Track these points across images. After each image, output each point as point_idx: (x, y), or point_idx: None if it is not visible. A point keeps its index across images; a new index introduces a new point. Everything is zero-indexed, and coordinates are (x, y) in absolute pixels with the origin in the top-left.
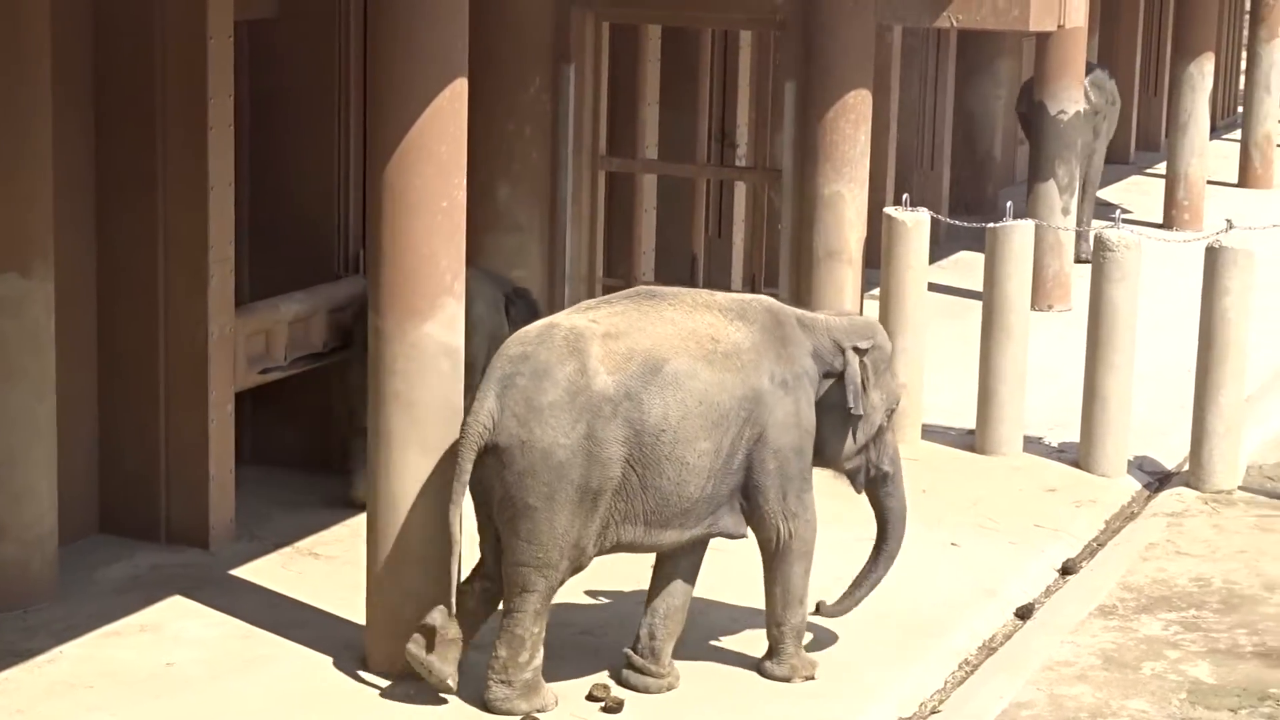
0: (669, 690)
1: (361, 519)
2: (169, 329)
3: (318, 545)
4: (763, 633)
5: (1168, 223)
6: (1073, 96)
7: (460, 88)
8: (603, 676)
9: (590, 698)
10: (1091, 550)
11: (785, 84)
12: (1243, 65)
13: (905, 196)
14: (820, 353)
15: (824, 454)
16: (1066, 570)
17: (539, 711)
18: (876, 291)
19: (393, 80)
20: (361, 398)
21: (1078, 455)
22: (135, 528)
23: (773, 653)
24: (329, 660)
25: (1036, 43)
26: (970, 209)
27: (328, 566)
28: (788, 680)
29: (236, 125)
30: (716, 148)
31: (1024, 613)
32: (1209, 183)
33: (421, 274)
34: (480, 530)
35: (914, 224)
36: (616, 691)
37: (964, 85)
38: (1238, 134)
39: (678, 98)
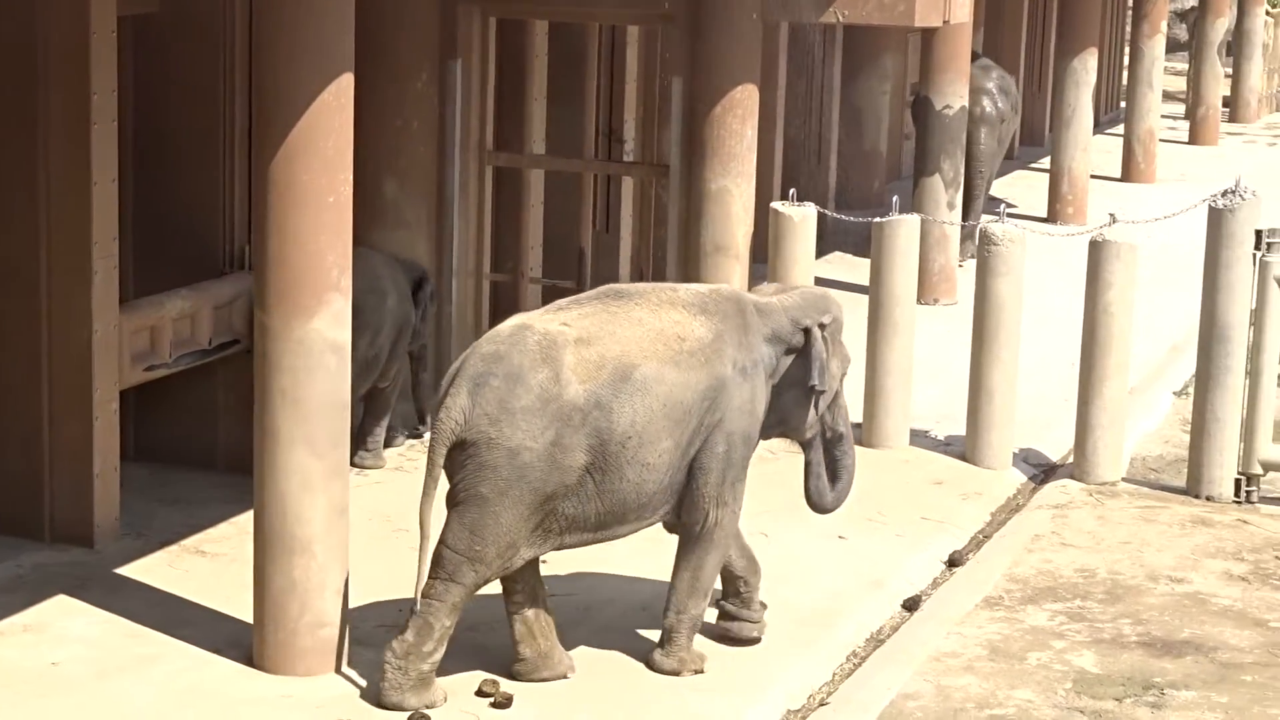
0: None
1: (248, 516)
2: (52, 326)
3: (204, 543)
4: (657, 623)
5: (1052, 217)
6: (958, 91)
7: (346, 83)
8: (491, 672)
9: (479, 693)
10: (978, 542)
11: (672, 80)
12: (1125, 61)
13: (792, 191)
14: (779, 334)
15: (788, 425)
16: (953, 562)
17: (428, 708)
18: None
19: (278, 75)
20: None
21: (964, 448)
22: (19, 527)
23: (665, 642)
24: (216, 658)
25: (922, 38)
26: (857, 204)
27: (214, 564)
28: (676, 673)
29: (120, 121)
30: (604, 143)
31: (911, 604)
32: (1093, 177)
33: (308, 270)
34: (421, 525)
35: (800, 219)
36: (505, 686)
37: (850, 80)
38: (1121, 129)
39: (565, 93)
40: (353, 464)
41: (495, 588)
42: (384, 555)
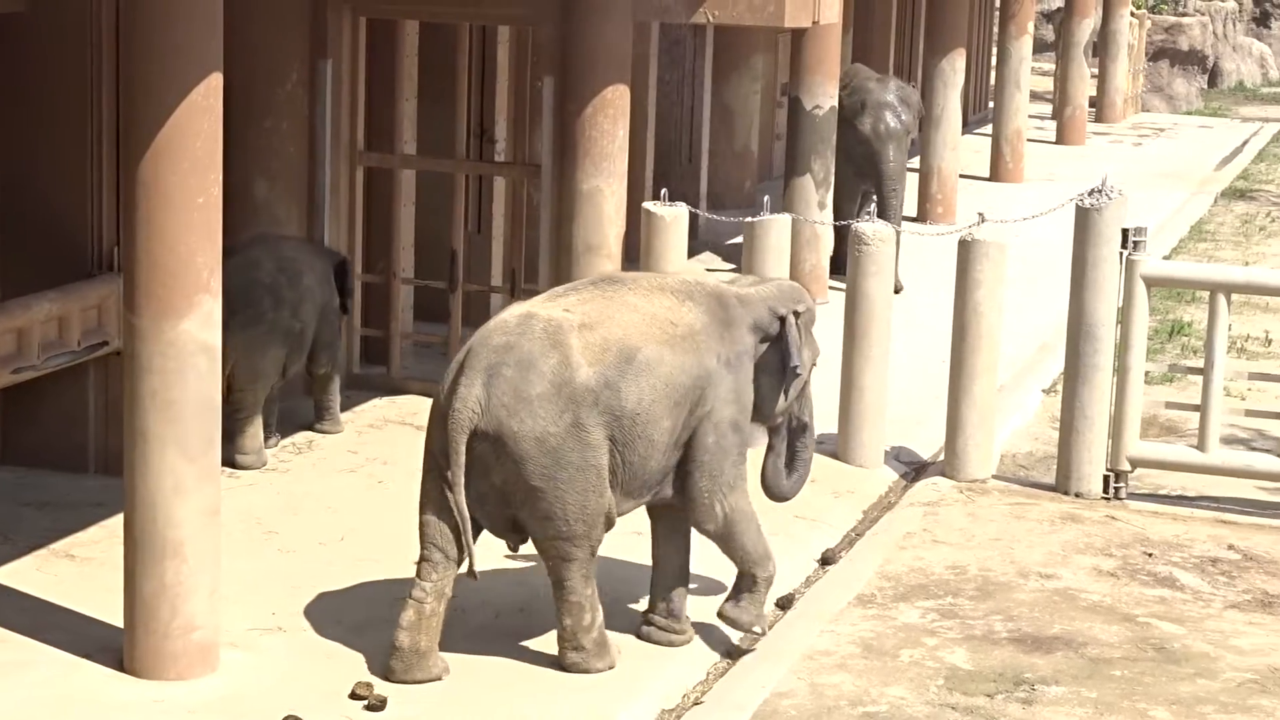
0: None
1: (118, 520)
2: None
3: (73, 547)
4: (532, 626)
5: (921, 216)
6: (828, 92)
7: (215, 83)
8: (365, 675)
9: (354, 696)
10: (850, 540)
11: (544, 79)
12: (993, 62)
13: (664, 191)
14: (759, 324)
15: (760, 411)
16: (826, 560)
17: (609, 668)
18: None
19: (146, 75)
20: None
21: (836, 446)
22: None
23: (738, 593)
24: (86, 663)
25: (792, 39)
26: (728, 204)
27: (84, 568)
28: (748, 629)
29: None
30: (475, 143)
31: (784, 603)
32: (961, 177)
33: (178, 272)
34: (449, 512)
35: (672, 218)
36: (380, 689)
37: (721, 81)
38: (989, 129)
39: (436, 93)
40: (314, 429)
41: (364, 585)
42: (256, 558)
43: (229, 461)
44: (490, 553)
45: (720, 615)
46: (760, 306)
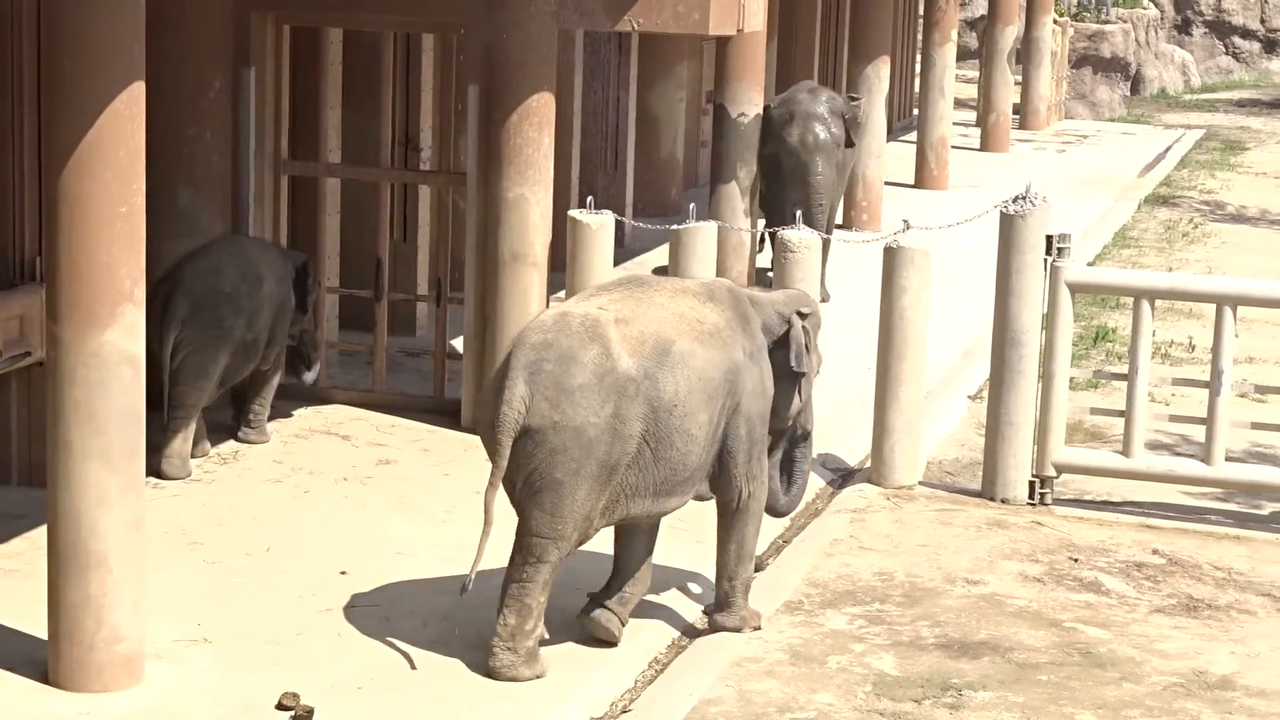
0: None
1: (41, 531)
2: None
3: None
4: (458, 635)
5: (847, 223)
6: (753, 99)
7: (138, 91)
8: (291, 685)
9: (280, 706)
10: (777, 547)
11: (468, 88)
12: (918, 69)
13: (589, 199)
14: (769, 326)
15: (776, 414)
16: (754, 567)
17: (538, 677)
18: (562, 294)
19: (67, 84)
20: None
21: None
22: None
23: (723, 605)
24: (10, 676)
25: (717, 46)
26: (654, 211)
27: (7, 580)
28: (739, 630)
29: None
30: (400, 151)
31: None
32: (887, 184)
33: (101, 281)
34: (485, 510)
35: (598, 226)
36: (306, 699)
37: (646, 88)
38: (914, 136)
39: (361, 101)
40: (238, 439)
41: (282, 597)
42: (181, 569)
43: (154, 469)
44: (420, 561)
45: (712, 625)
46: (769, 309)
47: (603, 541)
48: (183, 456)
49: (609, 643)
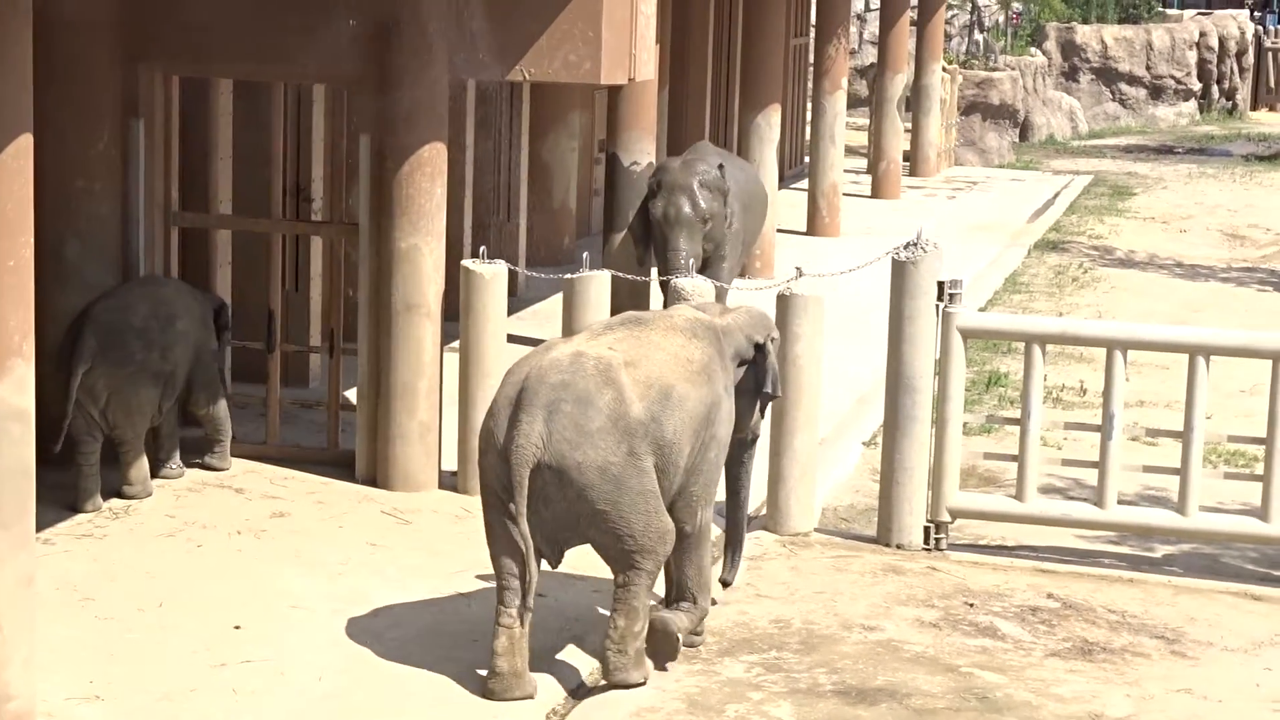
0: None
1: None
2: None
3: None
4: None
5: (740, 271)
6: (645, 148)
7: (25, 143)
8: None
9: None
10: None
11: (360, 138)
12: (809, 117)
13: (482, 249)
14: (739, 351)
15: (737, 427)
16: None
17: (642, 681)
18: (456, 344)
19: None
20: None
21: None
22: None
23: (686, 611)
24: None
25: (608, 95)
26: (547, 260)
27: None
28: (688, 635)
29: None
30: (292, 202)
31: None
32: (779, 231)
33: None
34: (517, 543)
35: (491, 276)
36: None
37: (538, 137)
38: (805, 184)
39: (251, 152)
40: (203, 466)
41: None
42: (73, 625)
43: (117, 492)
44: (315, 614)
45: (659, 617)
46: (739, 335)
47: (583, 564)
48: (142, 480)
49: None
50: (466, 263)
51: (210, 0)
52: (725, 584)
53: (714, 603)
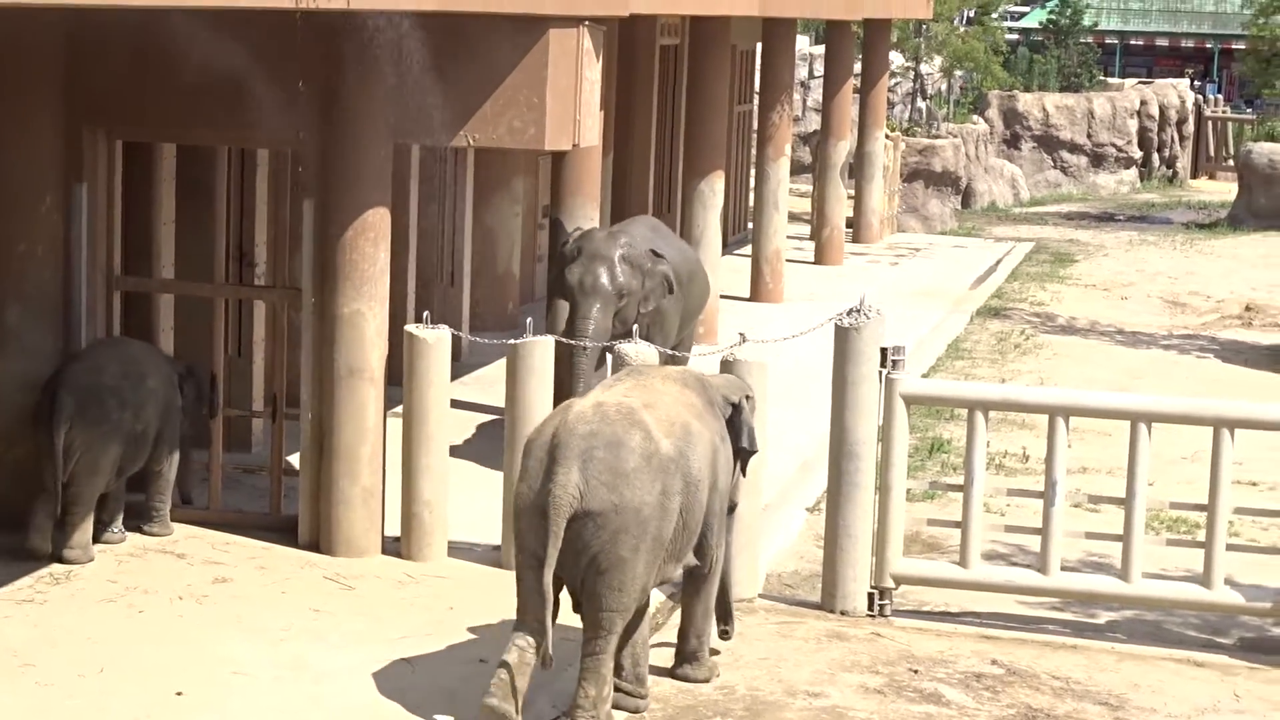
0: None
1: None
2: None
3: None
4: None
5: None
6: (589, 214)
7: None
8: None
9: None
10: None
11: (303, 202)
12: (752, 183)
13: (426, 314)
14: (721, 406)
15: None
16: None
17: None
18: (400, 409)
19: None
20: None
21: None
22: None
23: (691, 659)
24: None
25: (553, 161)
26: (491, 325)
27: None
28: (707, 680)
29: None
30: (235, 266)
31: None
32: (722, 297)
33: None
34: (543, 591)
35: (435, 341)
36: None
37: (482, 202)
38: (749, 249)
39: (195, 216)
40: (142, 531)
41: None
42: (13, 691)
43: (57, 556)
44: (257, 681)
45: (682, 677)
46: (716, 394)
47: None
48: (84, 545)
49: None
50: (410, 328)
51: (155, 65)
52: (726, 636)
53: (716, 653)
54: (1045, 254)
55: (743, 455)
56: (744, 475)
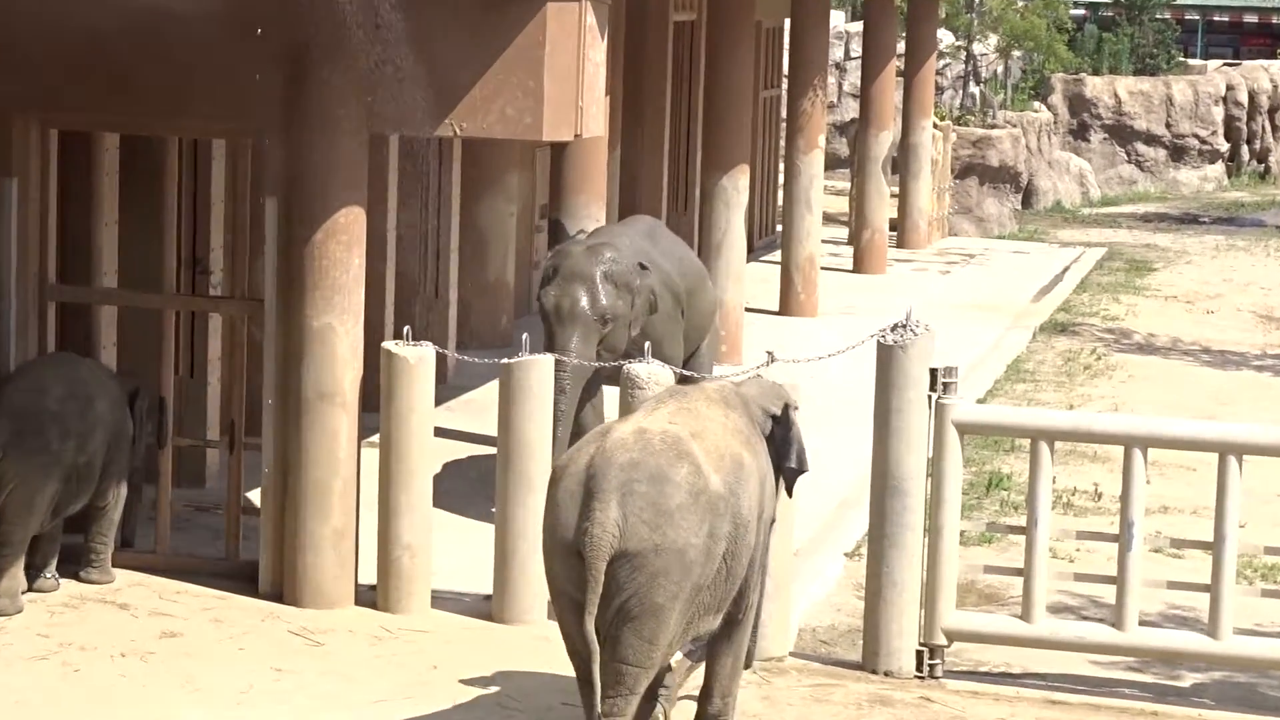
0: None
1: None
2: None
3: None
4: None
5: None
6: (594, 214)
7: None
8: None
9: None
10: None
11: (265, 201)
12: (781, 179)
13: (406, 329)
14: (761, 423)
15: None
16: None
17: None
18: (376, 439)
19: None
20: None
21: None
22: None
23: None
24: None
25: (552, 154)
26: (482, 342)
27: None
28: None
29: None
30: (187, 275)
31: None
32: (747, 310)
33: None
34: (587, 643)
35: (417, 360)
36: None
37: (471, 202)
38: (778, 255)
39: (141, 217)
40: (79, 578)
41: None
42: None
43: None
44: None
45: None
46: (755, 407)
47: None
48: (12, 594)
49: None
50: (388, 345)
51: (94, 43)
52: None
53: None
54: (1119, 261)
55: (788, 475)
56: (789, 495)
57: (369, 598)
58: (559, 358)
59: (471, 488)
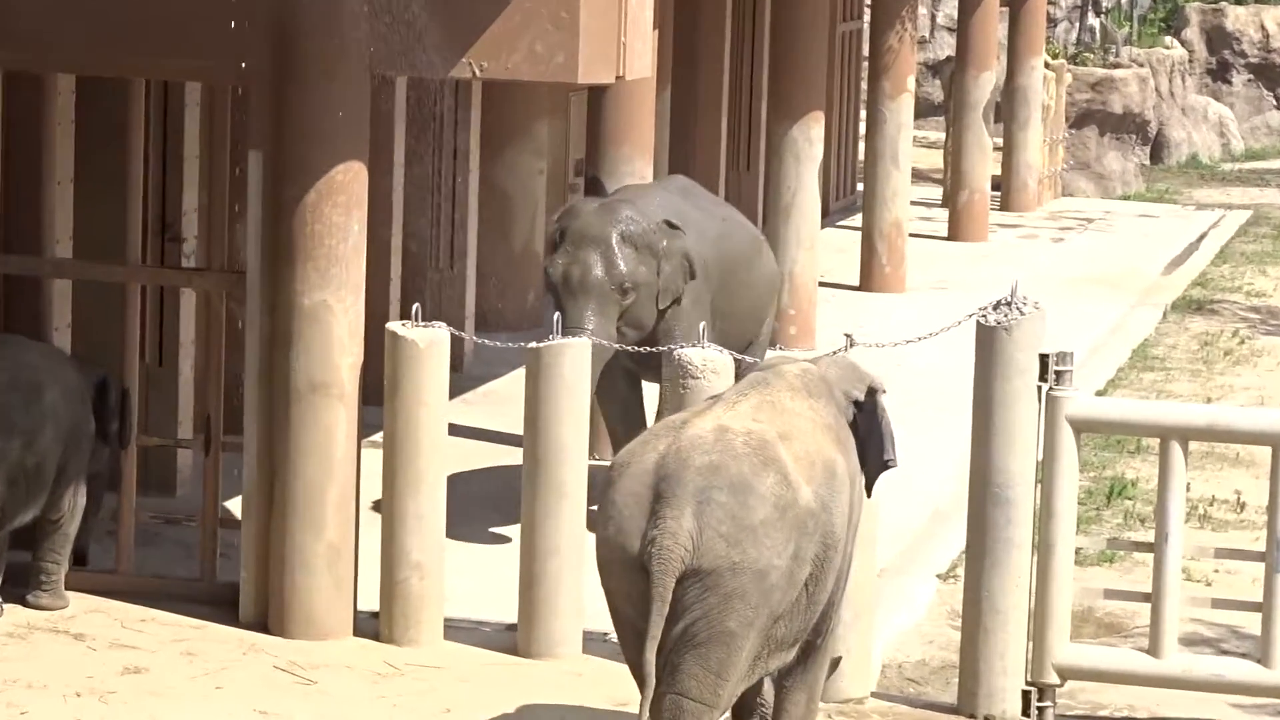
0: None
1: None
2: None
3: None
4: None
5: (771, 339)
6: (637, 171)
7: None
8: None
9: None
10: None
11: (249, 155)
12: (862, 129)
13: (415, 307)
14: (844, 411)
15: None
16: None
17: None
18: (379, 436)
19: None
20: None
21: None
22: None
23: None
24: None
25: (589, 100)
26: (505, 322)
27: None
28: None
29: None
30: (155, 243)
31: None
32: (822, 285)
33: None
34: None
35: (428, 344)
36: None
37: (493, 156)
38: (858, 220)
39: (101, 175)
40: (27, 603)
41: None
42: None
43: None
44: None
45: None
46: (837, 392)
47: None
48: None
49: None
50: (394, 325)
51: None
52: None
53: None
54: (1266, 226)
55: (872, 470)
56: (868, 495)
57: (370, 627)
58: (571, 331)
59: (493, 495)
